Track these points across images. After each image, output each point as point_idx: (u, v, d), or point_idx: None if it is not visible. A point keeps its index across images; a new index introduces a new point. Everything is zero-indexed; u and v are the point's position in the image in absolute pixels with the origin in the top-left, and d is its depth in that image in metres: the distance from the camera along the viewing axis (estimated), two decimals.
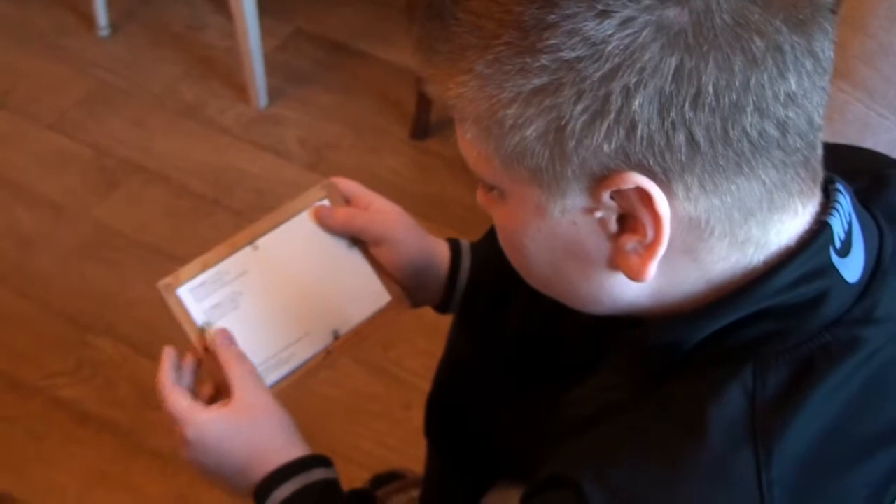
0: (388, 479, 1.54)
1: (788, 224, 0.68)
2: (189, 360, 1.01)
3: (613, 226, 0.67)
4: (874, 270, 0.72)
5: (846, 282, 0.70)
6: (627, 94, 0.61)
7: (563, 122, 0.63)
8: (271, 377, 1.01)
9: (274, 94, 2.20)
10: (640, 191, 0.64)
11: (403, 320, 1.11)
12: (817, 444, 0.67)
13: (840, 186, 0.72)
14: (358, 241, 1.07)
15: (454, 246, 1.08)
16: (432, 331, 1.26)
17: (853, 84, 1.22)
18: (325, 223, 1.06)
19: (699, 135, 0.62)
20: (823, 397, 0.67)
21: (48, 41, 2.32)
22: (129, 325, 1.85)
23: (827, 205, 0.70)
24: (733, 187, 0.64)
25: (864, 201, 0.77)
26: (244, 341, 1.00)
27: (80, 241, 1.98)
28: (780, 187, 0.66)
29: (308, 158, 2.10)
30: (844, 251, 0.70)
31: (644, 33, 0.60)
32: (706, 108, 0.61)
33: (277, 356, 1.02)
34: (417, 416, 1.17)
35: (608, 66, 0.61)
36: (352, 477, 1.63)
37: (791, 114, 0.64)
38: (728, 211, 0.65)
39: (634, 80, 0.61)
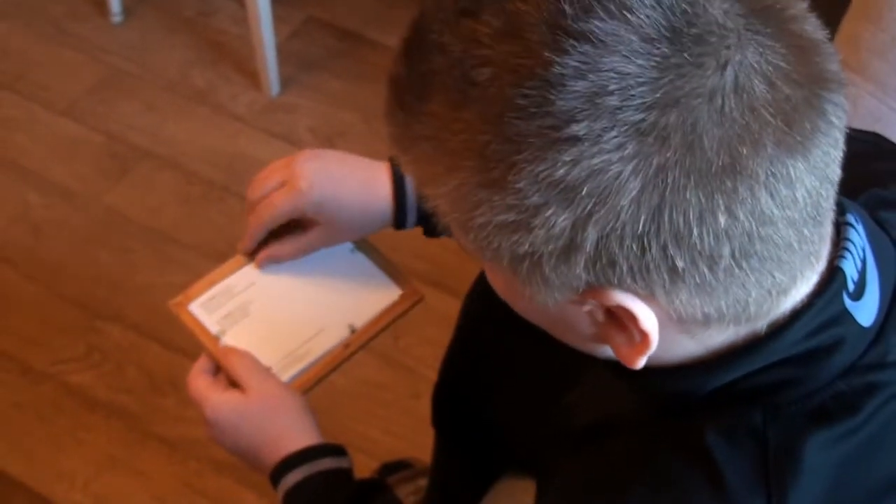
0: (396, 467, 1.55)
1: (800, 290, 0.65)
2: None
3: (601, 317, 0.64)
4: (889, 310, 0.69)
5: (860, 326, 0.67)
6: (603, 236, 0.58)
7: (535, 255, 0.60)
8: (289, 373, 1.02)
9: (286, 81, 2.19)
10: (623, 308, 0.61)
11: (412, 311, 1.11)
12: (832, 493, 0.66)
13: (852, 218, 0.69)
14: (360, 245, 1.08)
15: (398, 183, 1.03)
16: (441, 320, 1.26)
17: (865, 77, 1.22)
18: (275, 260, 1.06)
19: (683, 265, 0.58)
20: (835, 446, 0.66)
21: (60, 27, 2.32)
22: (138, 311, 1.86)
23: (838, 243, 0.67)
24: (728, 297, 0.61)
25: (880, 203, 0.75)
26: (258, 344, 1.02)
27: (90, 227, 1.99)
28: (786, 279, 0.62)
29: (319, 146, 2.09)
30: (858, 293, 0.67)
31: (622, 175, 0.56)
32: (687, 244, 0.58)
33: (293, 354, 1.03)
34: (425, 405, 1.17)
35: (580, 211, 0.57)
36: (360, 465, 1.63)
37: (791, 219, 0.59)
38: (727, 309, 0.62)
39: (610, 224, 0.57)
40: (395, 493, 1.02)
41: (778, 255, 0.60)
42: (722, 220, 0.57)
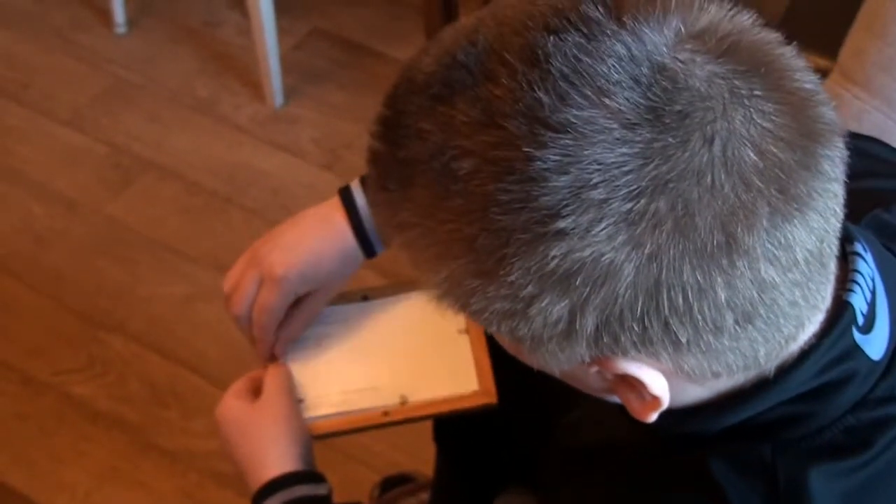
0: (397, 481, 1.54)
1: (808, 331, 0.64)
2: None
3: (610, 377, 0.63)
4: None
5: (870, 360, 0.66)
6: (602, 319, 0.56)
7: (536, 338, 0.59)
8: (316, 412, 1.00)
9: (289, 92, 2.19)
10: (630, 375, 0.61)
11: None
12: None
13: (859, 247, 0.67)
14: (468, 331, 1.04)
15: (351, 214, 1.01)
16: None
17: (871, 92, 1.21)
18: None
19: (687, 338, 0.57)
20: (844, 480, 0.65)
21: (65, 37, 2.32)
22: (141, 321, 1.85)
23: (845, 274, 0.66)
24: (737, 355, 0.60)
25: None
26: (308, 374, 1.00)
27: (93, 238, 1.98)
28: (793, 329, 0.61)
29: (323, 158, 2.09)
30: (868, 327, 0.66)
31: (614, 262, 0.54)
32: (689, 319, 0.56)
33: (330, 397, 1.01)
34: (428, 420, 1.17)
35: (576, 298, 0.56)
36: (361, 479, 1.63)
37: (794, 281, 0.58)
38: (736, 364, 0.61)
39: (608, 308, 0.56)
40: None
41: (784, 313, 0.59)
42: (722, 294, 0.56)
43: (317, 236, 1.00)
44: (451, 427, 1.14)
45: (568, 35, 0.55)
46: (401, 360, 1.03)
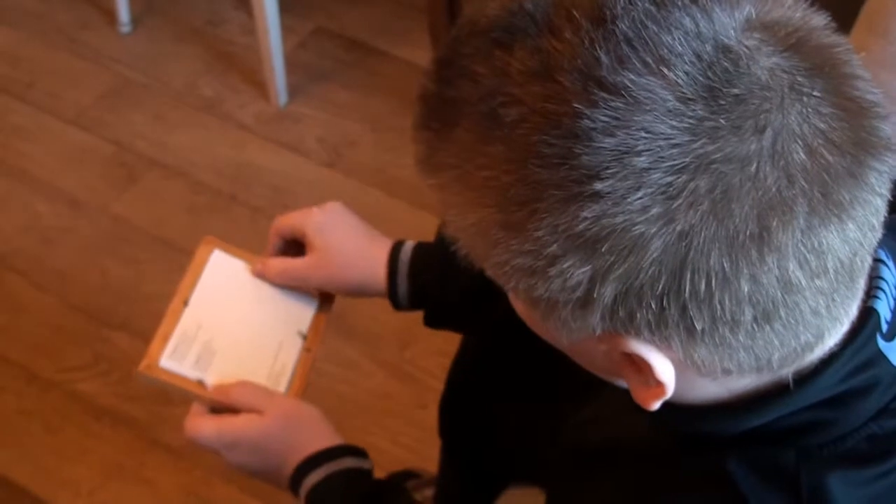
0: (402, 478, 1.54)
1: (827, 343, 0.63)
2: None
3: (617, 357, 0.63)
4: None
5: (894, 367, 0.65)
6: (621, 292, 0.56)
7: (551, 300, 0.58)
8: (280, 389, 1.04)
9: (294, 91, 2.20)
10: (638, 356, 0.60)
11: (418, 321, 1.11)
12: None
13: (882, 254, 0.66)
14: (308, 347, 1.11)
15: (393, 257, 1.06)
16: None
17: None
18: (264, 277, 1.09)
19: (702, 327, 0.57)
20: (866, 487, 0.64)
21: (70, 36, 2.33)
22: (145, 319, 1.85)
23: (870, 281, 0.64)
24: (749, 355, 0.59)
25: None
26: (240, 375, 1.03)
27: (98, 236, 1.99)
28: (812, 339, 0.60)
29: (327, 156, 2.10)
30: (892, 334, 0.65)
31: (644, 235, 0.54)
32: (708, 307, 0.56)
33: (273, 372, 1.05)
34: (432, 416, 1.17)
35: (599, 266, 0.55)
36: None
37: (820, 289, 0.57)
38: (747, 365, 0.60)
39: (629, 281, 0.55)
40: (412, 496, 1.02)
41: (804, 320, 0.58)
42: (745, 286, 0.55)
43: (362, 228, 1.07)
44: (456, 423, 1.14)
45: (639, 0, 0.55)
46: (267, 315, 1.09)
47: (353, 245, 1.05)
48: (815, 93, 0.55)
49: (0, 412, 1.76)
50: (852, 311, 0.63)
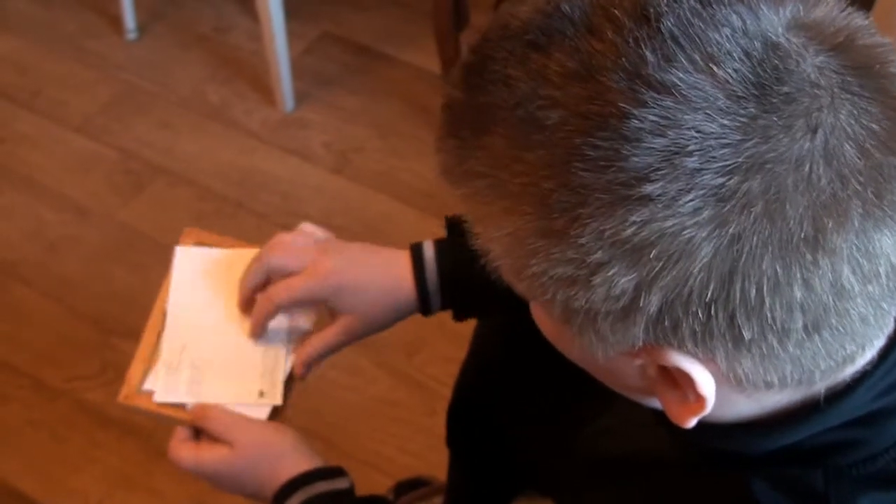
0: (411, 485, 1.54)
1: (867, 356, 0.61)
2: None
3: (653, 373, 0.61)
4: None
5: None
6: (668, 300, 0.54)
7: (592, 312, 0.56)
8: (279, 392, 1.03)
9: (300, 97, 2.19)
10: (679, 369, 0.58)
11: (426, 327, 1.10)
12: None
13: None
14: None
15: (417, 265, 1.02)
16: (455, 337, 1.25)
17: None
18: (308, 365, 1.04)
19: (750, 336, 0.54)
20: None
21: (76, 44, 2.33)
22: None
23: None
24: (795, 367, 0.57)
25: None
26: (234, 390, 1.02)
27: (105, 244, 1.98)
28: (856, 349, 0.58)
29: (333, 162, 2.09)
30: None
31: (694, 239, 0.52)
32: (757, 315, 0.54)
33: (267, 376, 1.03)
34: (440, 423, 1.16)
35: (646, 273, 0.53)
36: (374, 483, 1.62)
37: (871, 295, 0.55)
38: (790, 378, 0.58)
39: (677, 289, 0.53)
40: None
41: (852, 329, 0.56)
42: (798, 292, 0.53)
43: (376, 260, 1.01)
44: (464, 433, 1.13)
45: None
46: (243, 320, 1.05)
47: (375, 290, 1.00)
48: (864, 93, 0.54)
49: (7, 421, 1.75)
50: (891, 322, 0.61)
